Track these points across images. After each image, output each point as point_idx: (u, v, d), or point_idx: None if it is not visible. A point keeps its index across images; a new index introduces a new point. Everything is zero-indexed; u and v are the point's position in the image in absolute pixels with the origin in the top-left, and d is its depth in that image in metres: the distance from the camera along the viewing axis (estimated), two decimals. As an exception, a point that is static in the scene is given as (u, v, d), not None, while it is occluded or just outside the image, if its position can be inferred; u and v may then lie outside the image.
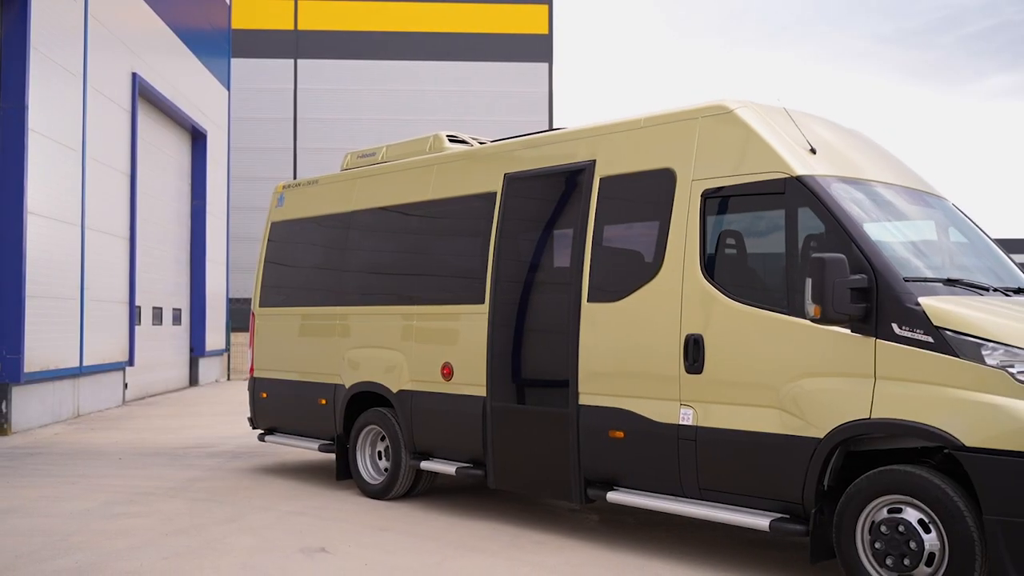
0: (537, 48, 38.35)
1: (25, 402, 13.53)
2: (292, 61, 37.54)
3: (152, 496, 8.63)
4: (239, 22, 34.46)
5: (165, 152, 21.23)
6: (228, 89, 26.73)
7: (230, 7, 27.82)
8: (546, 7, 38.54)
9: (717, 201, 6.26)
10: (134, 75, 18.09)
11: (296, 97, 37.50)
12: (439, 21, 37.94)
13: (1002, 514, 4.86)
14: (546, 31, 38.57)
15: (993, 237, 7.04)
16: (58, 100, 14.52)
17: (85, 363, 15.45)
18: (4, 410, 13.02)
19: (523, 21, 38.38)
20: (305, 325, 9.64)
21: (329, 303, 9.36)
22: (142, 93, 18.83)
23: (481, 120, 36.81)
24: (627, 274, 6.70)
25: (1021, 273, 6.68)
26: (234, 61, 31.15)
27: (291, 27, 37.68)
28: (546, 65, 38.37)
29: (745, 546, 6.75)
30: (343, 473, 8.97)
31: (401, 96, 37.30)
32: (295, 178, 36.01)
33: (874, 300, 5.39)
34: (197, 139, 23.47)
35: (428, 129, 32.71)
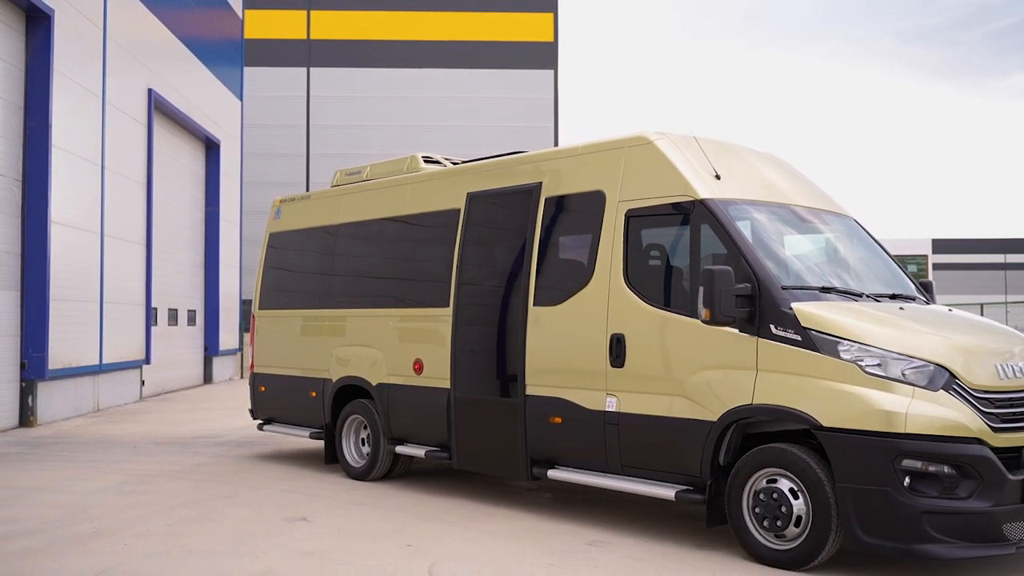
0: (543, 55, 39.38)
1: (49, 397, 14.70)
2: (305, 70, 38.76)
3: (161, 478, 9.74)
4: (253, 32, 35.72)
5: (180, 162, 22.43)
6: (241, 99, 27.92)
7: (243, 20, 29.00)
8: (551, 15, 39.57)
9: (638, 219, 7.29)
10: (150, 91, 19.27)
11: (309, 104, 38.70)
12: (447, 30, 39.05)
13: (850, 482, 5.89)
14: (551, 39, 39.59)
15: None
16: (79, 117, 15.68)
17: (104, 361, 16.63)
18: (30, 404, 14.19)
19: (529, 29, 39.43)
20: (299, 326, 10.73)
21: (319, 306, 10.45)
22: (157, 107, 20.01)
23: (487, 126, 37.99)
24: (565, 281, 7.74)
25: (909, 282, 7.68)
26: (249, 70, 32.38)
27: (304, 36, 38.90)
28: (551, 72, 39.39)
29: (669, 517, 7.77)
30: (331, 458, 10.06)
31: (410, 103, 38.45)
32: (307, 183, 37.31)
33: (757, 305, 6.42)
34: (211, 148, 24.66)
35: (436, 134, 33.89)
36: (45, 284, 14.27)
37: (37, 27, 14.46)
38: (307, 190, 36.85)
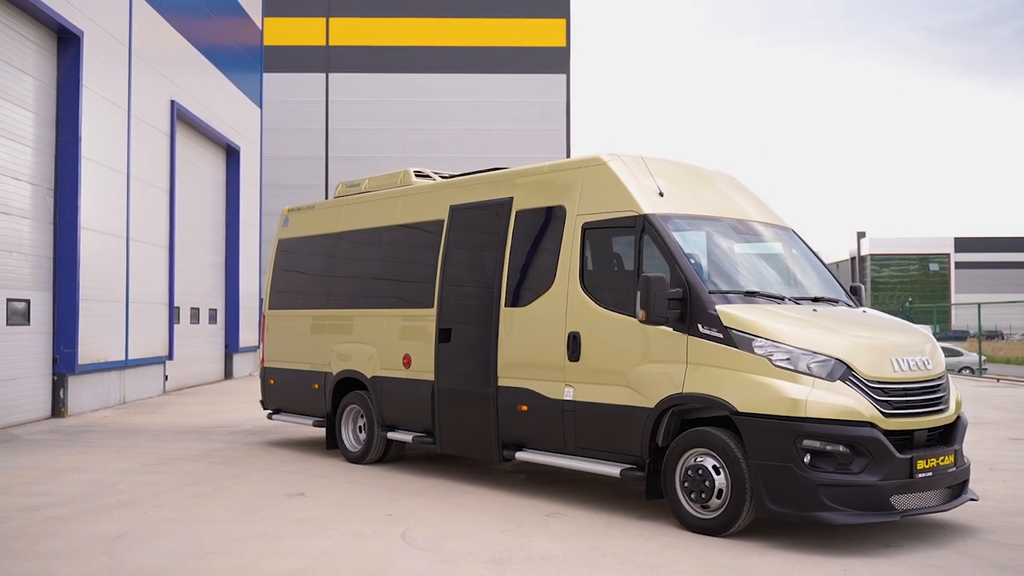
0: (555, 60, 40.38)
1: (79, 390, 15.88)
2: (324, 75, 39.96)
3: (179, 460, 10.84)
4: (274, 39, 36.99)
5: (202, 168, 23.62)
6: (260, 107, 29.10)
7: (262, 30, 30.16)
8: (563, 21, 40.56)
9: (593, 231, 8.28)
10: (172, 102, 20.45)
11: (328, 109, 39.90)
12: (462, 36, 40.14)
13: (760, 459, 6.86)
14: (564, 44, 40.58)
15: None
16: (106, 130, 16.85)
17: (130, 357, 17.82)
18: (62, 396, 15.37)
19: (542, 35, 40.42)
20: (304, 324, 11.79)
21: (322, 306, 11.51)
22: (180, 117, 21.20)
23: (501, 129, 39.08)
24: (532, 285, 8.74)
25: (839, 286, 8.62)
26: (269, 76, 33.64)
27: (323, 43, 40.09)
28: (563, 76, 40.39)
29: (617, 492, 8.76)
30: (331, 444, 11.14)
31: (426, 107, 39.58)
32: (326, 186, 38.46)
33: (688, 307, 7.39)
34: (231, 154, 25.84)
35: (450, 137, 35.31)
36: (75, 285, 15.43)
37: (67, 47, 15.63)
38: (326, 192, 38.07)
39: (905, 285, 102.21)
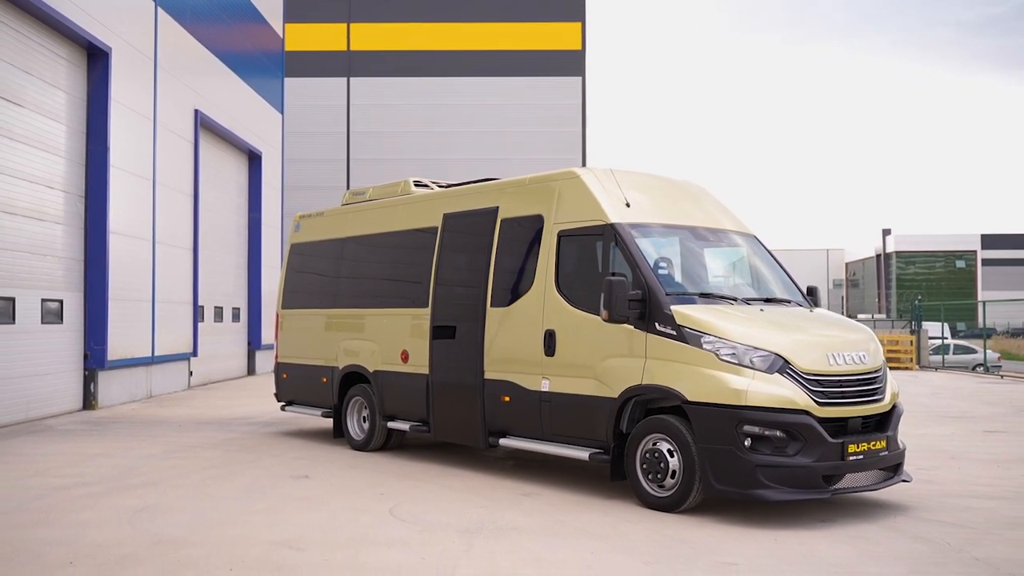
0: (571, 63, 41.18)
1: (108, 384, 16.93)
2: (345, 79, 41.01)
3: (198, 448, 11.80)
4: (296, 44, 38.07)
5: (225, 173, 24.67)
6: (281, 112, 30.14)
7: (283, 37, 31.19)
8: (579, 24, 41.36)
9: (567, 238, 9.12)
10: (196, 111, 21.48)
11: (349, 112, 40.94)
12: (479, 40, 41.04)
13: (706, 443, 7.68)
14: (579, 47, 41.37)
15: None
16: (134, 139, 17.88)
17: (156, 353, 18.87)
18: (92, 390, 16.42)
19: (557, 38, 41.24)
20: (314, 323, 12.71)
21: (330, 306, 12.44)
22: (203, 125, 22.22)
23: (518, 131, 39.95)
24: (514, 287, 9.60)
25: (795, 288, 9.40)
26: (291, 80, 34.69)
27: (344, 48, 41.14)
28: (579, 79, 41.17)
29: (587, 474, 9.59)
30: (338, 433, 12.06)
31: (444, 110, 40.53)
32: (348, 187, 39.52)
33: (647, 307, 8.21)
34: (253, 159, 26.88)
35: (468, 140, 36.25)
36: (105, 286, 16.47)
37: (96, 63, 16.66)
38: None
39: (931, 282, 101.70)
